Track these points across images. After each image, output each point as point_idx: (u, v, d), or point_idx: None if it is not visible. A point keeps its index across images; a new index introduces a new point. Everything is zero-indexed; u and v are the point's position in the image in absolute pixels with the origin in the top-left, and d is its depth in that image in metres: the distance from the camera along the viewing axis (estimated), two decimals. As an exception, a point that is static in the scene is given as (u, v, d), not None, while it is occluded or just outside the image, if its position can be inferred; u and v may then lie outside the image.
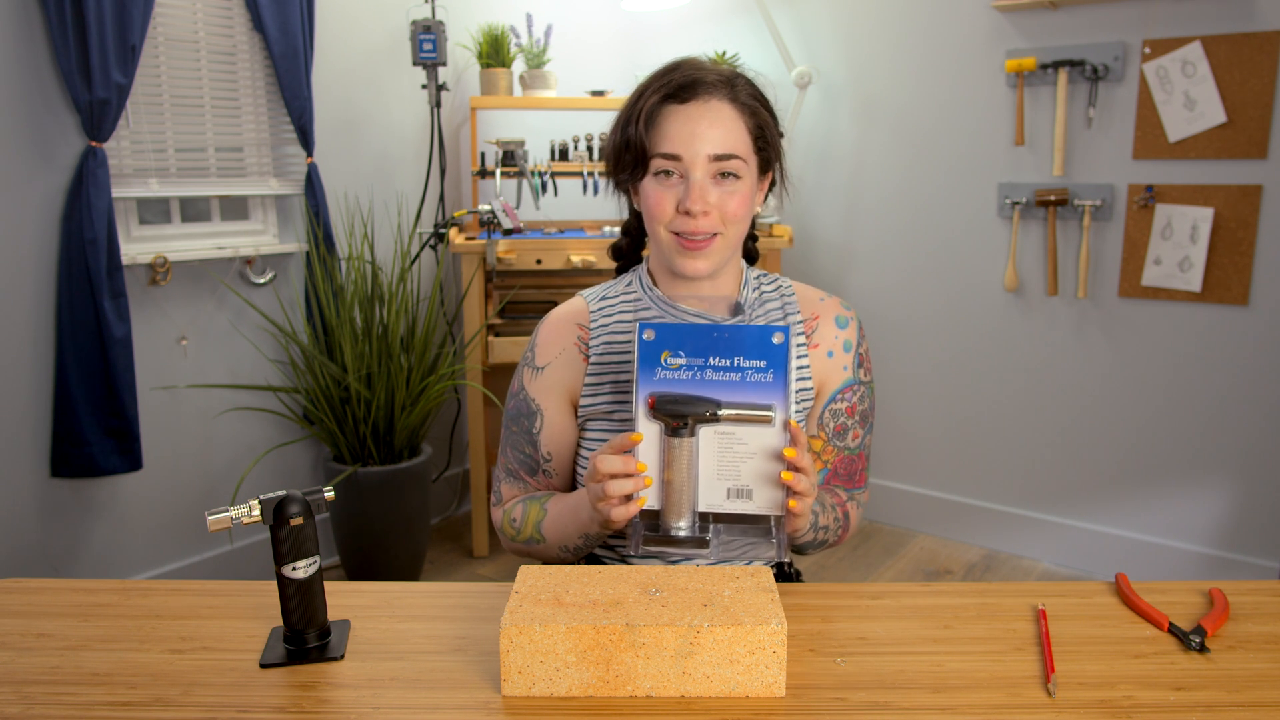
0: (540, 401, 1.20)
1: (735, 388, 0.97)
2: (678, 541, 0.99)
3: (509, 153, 2.94)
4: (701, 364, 0.97)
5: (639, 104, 1.12)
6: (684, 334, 0.97)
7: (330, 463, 2.67)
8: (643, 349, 0.97)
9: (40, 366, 2.27)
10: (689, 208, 1.09)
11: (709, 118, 1.10)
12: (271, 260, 2.74)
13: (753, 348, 0.96)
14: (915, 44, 2.98)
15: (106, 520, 2.45)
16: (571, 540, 1.13)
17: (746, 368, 0.97)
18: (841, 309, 1.22)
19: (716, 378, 0.97)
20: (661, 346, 0.97)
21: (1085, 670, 0.89)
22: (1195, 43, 2.49)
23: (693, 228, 1.10)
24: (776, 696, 0.84)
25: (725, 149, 1.09)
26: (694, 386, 0.97)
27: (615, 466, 0.97)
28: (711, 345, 0.97)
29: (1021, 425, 2.96)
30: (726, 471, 0.98)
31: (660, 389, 0.97)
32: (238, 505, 0.93)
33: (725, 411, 0.97)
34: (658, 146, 1.10)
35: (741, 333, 0.96)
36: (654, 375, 0.97)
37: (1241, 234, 2.51)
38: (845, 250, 3.23)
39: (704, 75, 1.12)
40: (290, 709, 0.84)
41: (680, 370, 0.97)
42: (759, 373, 0.97)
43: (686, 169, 1.10)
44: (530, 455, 1.22)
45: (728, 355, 0.97)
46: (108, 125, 2.23)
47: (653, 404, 0.97)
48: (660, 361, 0.97)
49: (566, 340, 1.20)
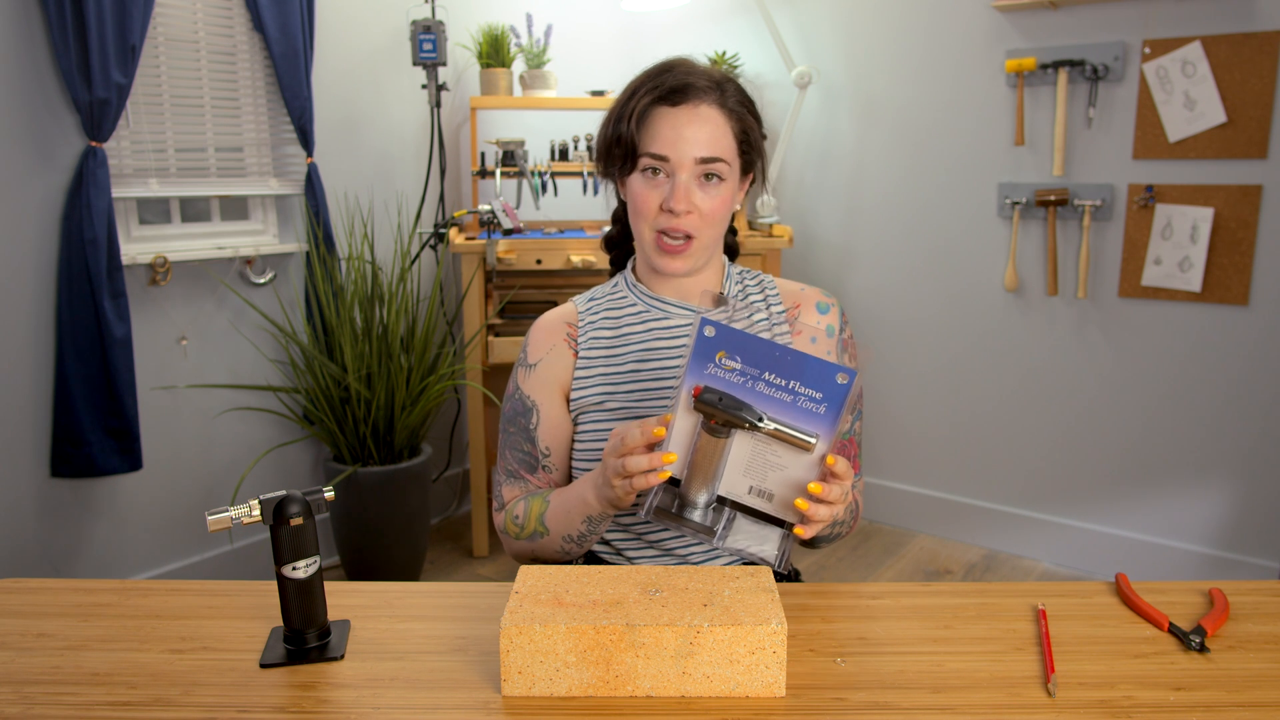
0: (535, 397, 1.23)
1: (784, 407, 0.94)
2: (687, 521, 0.98)
3: (509, 153, 2.94)
4: (756, 375, 0.94)
5: (631, 103, 1.17)
6: (745, 342, 0.94)
7: (330, 463, 2.67)
8: (700, 342, 0.94)
9: (40, 366, 2.27)
10: (672, 207, 1.14)
11: (697, 122, 1.14)
12: (271, 260, 2.74)
13: (813, 378, 0.93)
14: (915, 44, 2.98)
15: (106, 520, 2.45)
16: (575, 527, 1.14)
17: (801, 394, 0.94)
18: (822, 297, 1.26)
19: (768, 391, 0.94)
20: (719, 346, 0.94)
21: (1085, 670, 0.89)
22: (1195, 43, 2.49)
23: (674, 225, 1.15)
24: (776, 696, 0.84)
25: (711, 152, 1.14)
26: (743, 392, 0.94)
27: (637, 439, 0.97)
28: (771, 362, 0.94)
29: (1021, 425, 2.96)
30: (754, 472, 0.96)
31: (709, 383, 0.95)
32: (238, 505, 0.93)
33: (768, 425, 0.94)
34: (647, 146, 1.15)
35: (805, 361, 0.93)
36: (705, 369, 0.95)
37: (1241, 234, 2.51)
38: (845, 250, 3.23)
39: (695, 80, 1.16)
40: (290, 709, 0.84)
41: (733, 374, 0.95)
42: (812, 401, 0.94)
43: (673, 169, 1.14)
44: (529, 453, 1.24)
45: (785, 376, 0.94)
46: (108, 125, 2.23)
47: (698, 394, 0.94)
48: (714, 359, 0.95)
49: (556, 337, 1.25)
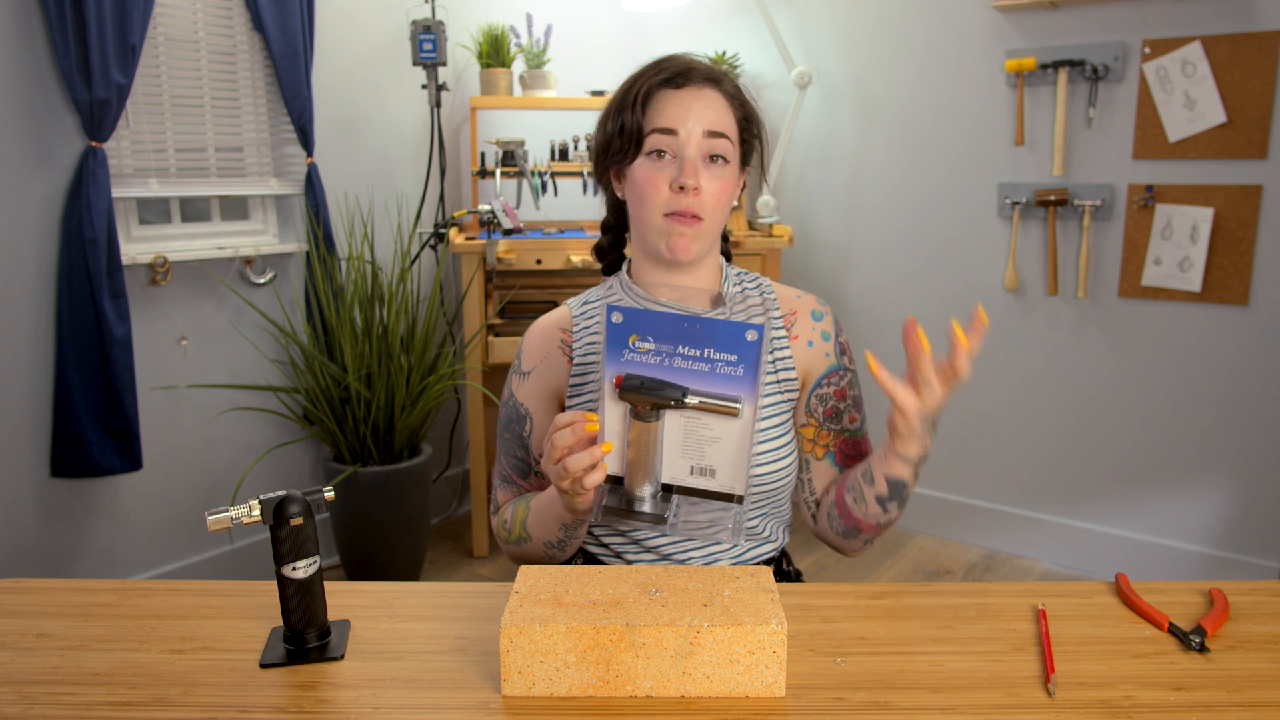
0: (528, 405, 1.23)
1: (703, 377, 0.95)
2: (637, 515, 0.98)
3: (509, 153, 2.94)
4: (670, 350, 0.95)
5: (634, 89, 1.16)
6: (652, 320, 0.95)
7: (330, 463, 2.67)
8: (610, 330, 0.96)
9: (40, 366, 2.27)
10: (683, 182, 1.11)
11: (702, 100, 1.14)
12: (271, 260, 2.74)
13: (724, 341, 0.94)
14: (915, 44, 2.98)
15: (106, 520, 2.45)
16: (554, 533, 1.13)
17: (717, 360, 0.95)
18: (816, 304, 1.26)
19: (685, 365, 0.95)
20: (629, 330, 0.95)
21: (1085, 670, 0.89)
22: (1195, 43, 2.49)
23: (684, 206, 1.12)
24: (776, 696, 0.84)
25: (718, 127, 1.14)
26: (661, 371, 0.95)
27: (567, 439, 0.96)
28: (681, 334, 0.95)
29: (1021, 425, 2.96)
30: (691, 451, 0.98)
31: (627, 370, 0.96)
32: (238, 505, 0.93)
33: (691, 400, 0.95)
34: (653, 123, 1.14)
35: (713, 326, 0.94)
36: (621, 357, 0.96)
37: (1241, 234, 2.51)
38: (845, 250, 3.23)
39: (696, 66, 1.17)
40: (290, 709, 0.84)
41: (648, 355, 0.96)
42: (729, 365, 0.95)
43: (680, 146, 1.13)
44: (521, 459, 1.24)
45: (698, 346, 0.95)
46: (108, 125, 2.23)
47: (619, 383, 0.95)
48: (628, 344, 0.96)
49: (550, 344, 1.24)
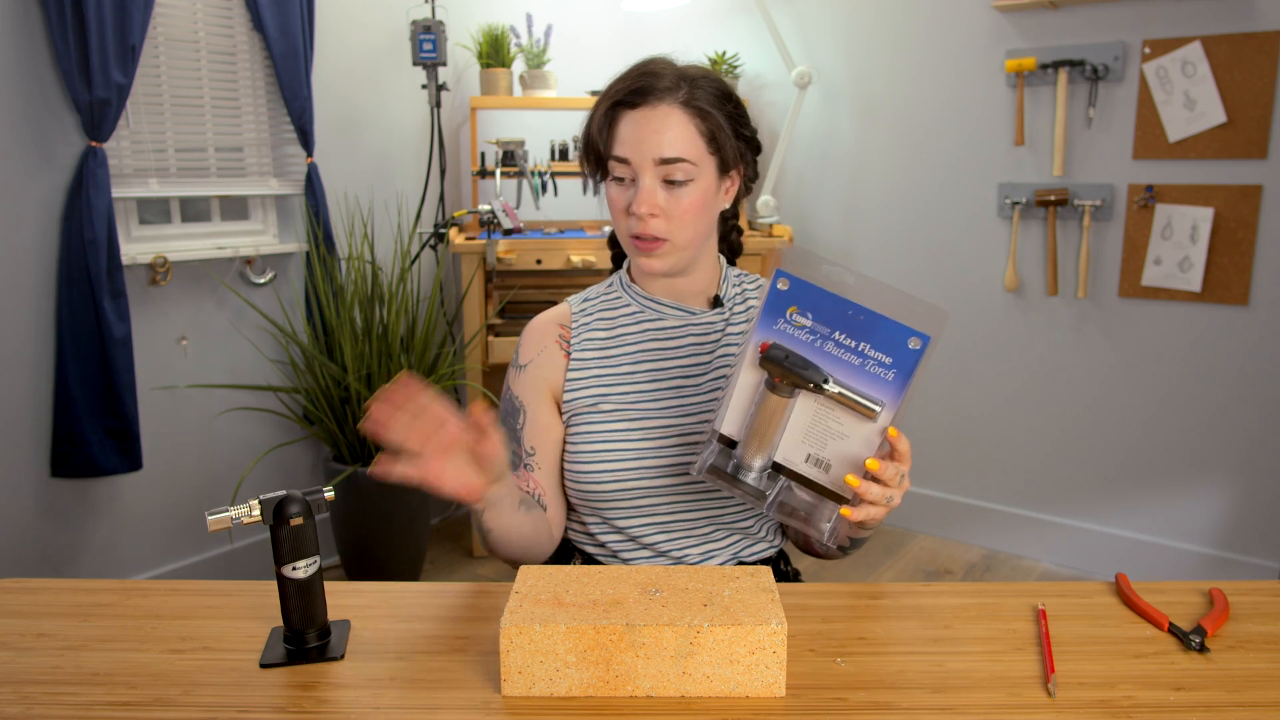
0: (523, 398, 1.23)
1: (851, 370, 0.91)
2: (740, 484, 0.96)
3: (509, 153, 2.94)
4: (826, 333, 0.91)
5: (599, 103, 1.16)
6: (819, 298, 0.91)
7: (330, 463, 2.67)
8: (772, 295, 0.92)
9: (40, 366, 2.27)
10: (634, 210, 1.12)
11: (655, 123, 1.11)
12: (271, 260, 2.73)
13: (884, 341, 0.90)
14: (915, 44, 2.98)
15: (106, 520, 2.45)
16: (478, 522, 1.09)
17: (871, 357, 0.91)
18: None
19: (836, 353, 0.91)
20: (791, 300, 0.92)
21: (1085, 670, 0.89)
22: (1195, 43, 2.49)
23: (640, 230, 1.13)
24: (776, 696, 0.84)
25: (672, 153, 1.11)
26: (810, 351, 0.92)
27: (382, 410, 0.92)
28: (843, 321, 0.90)
29: (1021, 425, 2.96)
30: (814, 439, 0.94)
31: (776, 339, 0.92)
32: (238, 505, 0.93)
33: (832, 388, 0.91)
34: (610, 150, 1.14)
35: (877, 322, 0.90)
36: (774, 324, 0.92)
37: (1241, 234, 2.51)
38: (845, 250, 3.23)
39: (657, 81, 1.12)
40: (290, 709, 0.84)
41: (802, 331, 0.92)
42: (880, 366, 0.91)
43: (636, 172, 1.13)
44: (515, 452, 1.24)
45: (855, 338, 0.91)
46: (108, 125, 2.23)
47: (764, 349, 0.91)
48: (785, 314, 0.92)
49: (547, 340, 1.24)
